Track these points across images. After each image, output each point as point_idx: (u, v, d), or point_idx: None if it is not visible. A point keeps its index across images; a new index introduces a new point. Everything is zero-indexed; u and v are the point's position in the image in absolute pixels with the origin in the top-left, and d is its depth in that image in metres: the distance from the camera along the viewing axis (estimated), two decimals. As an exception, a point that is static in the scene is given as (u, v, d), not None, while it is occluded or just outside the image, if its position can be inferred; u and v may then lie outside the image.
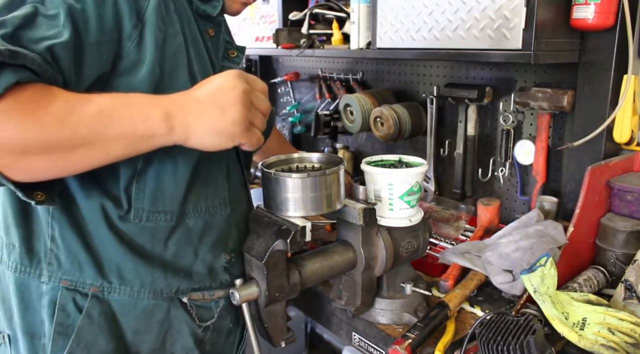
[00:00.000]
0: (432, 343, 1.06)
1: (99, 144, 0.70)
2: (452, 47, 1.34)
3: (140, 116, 0.73)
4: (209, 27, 0.97)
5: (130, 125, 0.72)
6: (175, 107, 0.75)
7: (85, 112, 0.68)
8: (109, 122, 0.70)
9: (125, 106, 0.73)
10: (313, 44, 1.87)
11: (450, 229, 1.60)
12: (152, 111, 0.74)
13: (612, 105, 1.33)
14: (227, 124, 0.77)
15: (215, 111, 0.77)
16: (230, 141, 0.79)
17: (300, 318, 2.34)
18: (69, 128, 0.67)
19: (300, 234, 0.92)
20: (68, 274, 0.86)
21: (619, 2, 1.24)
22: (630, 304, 1.09)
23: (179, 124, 0.75)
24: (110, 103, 0.72)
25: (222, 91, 0.78)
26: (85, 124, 0.68)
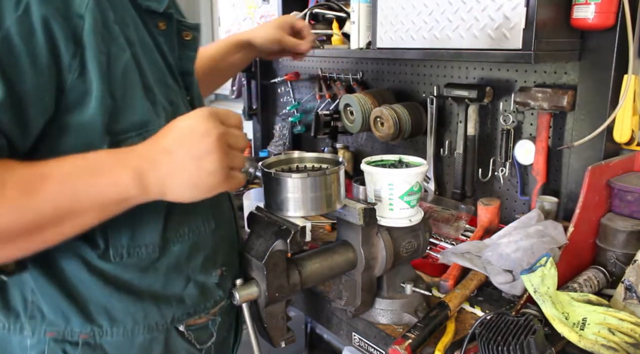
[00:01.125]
0: (432, 343, 1.06)
1: (68, 219, 0.66)
2: (452, 47, 1.34)
3: (109, 182, 0.68)
4: (158, 20, 0.84)
5: (100, 194, 0.67)
6: (145, 163, 0.69)
7: (45, 193, 0.63)
8: (74, 196, 0.66)
9: (89, 174, 0.67)
10: (313, 44, 1.87)
11: (450, 229, 1.60)
12: (120, 173, 0.68)
13: (612, 105, 1.33)
14: (205, 176, 0.71)
15: (189, 164, 0.70)
16: (209, 192, 0.73)
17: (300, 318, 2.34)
18: (31, 213, 0.63)
19: (300, 234, 0.92)
20: (53, 325, 0.79)
21: (619, 2, 1.24)
22: (630, 304, 1.09)
23: (152, 182, 0.70)
24: (71, 172, 0.66)
25: (193, 139, 0.70)
26: (49, 204, 0.64)
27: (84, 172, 0.67)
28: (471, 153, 1.66)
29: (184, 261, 0.87)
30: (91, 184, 0.67)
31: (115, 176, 0.68)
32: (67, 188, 0.65)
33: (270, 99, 2.63)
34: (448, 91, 1.63)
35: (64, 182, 0.65)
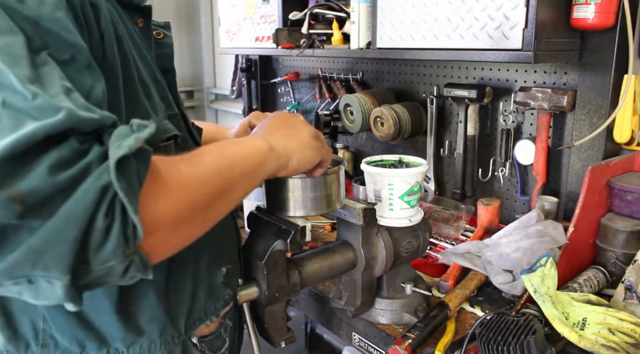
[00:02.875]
0: (432, 343, 1.06)
1: (231, 188, 0.69)
2: (452, 47, 1.34)
3: (251, 147, 0.75)
4: (136, 17, 0.83)
5: (247, 159, 0.73)
6: (267, 136, 0.80)
7: (209, 163, 0.67)
8: (231, 164, 0.70)
9: (232, 145, 0.75)
10: (313, 44, 1.87)
11: (450, 229, 1.60)
12: (255, 140, 0.77)
13: (613, 105, 1.33)
14: (310, 138, 0.85)
15: (293, 131, 0.84)
16: (319, 152, 0.86)
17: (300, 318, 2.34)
18: (207, 184, 0.65)
19: (300, 234, 0.92)
20: (68, 353, 0.77)
21: (619, 2, 1.24)
22: (630, 304, 1.09)
23: (278, 146, 0.79)
24: (220, 146, 0.72)
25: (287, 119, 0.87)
26: (217, 174, 0.67)
27: (229, 144, 0.75)
28: (471, 153, 1.66)
29: (191, 266, 0.86)
30: (239, 152, 0.73)
31: (252, 143, 0.76)
32: (224, 158, 0.70)
33: (270, 99, 2.63)
34: (448, 91, 1.63)
35: (220, 152, 0.70)
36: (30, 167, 0.49)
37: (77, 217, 0.49)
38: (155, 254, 0.59)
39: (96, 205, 0.50)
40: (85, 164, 0.51)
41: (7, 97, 0.51)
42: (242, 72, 2.58)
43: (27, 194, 0.48)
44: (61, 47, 0.58)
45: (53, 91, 0.53)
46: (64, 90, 0.54)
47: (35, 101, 0.51)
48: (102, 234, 0.51)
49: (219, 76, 3.51)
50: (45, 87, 0.53)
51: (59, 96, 0.53)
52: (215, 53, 3.47)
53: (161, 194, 0.58)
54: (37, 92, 0.51)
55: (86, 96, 0.58)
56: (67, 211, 0.49)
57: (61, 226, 0.49)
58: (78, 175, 0.50)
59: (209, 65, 3.50)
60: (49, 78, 0.54)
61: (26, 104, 0.51)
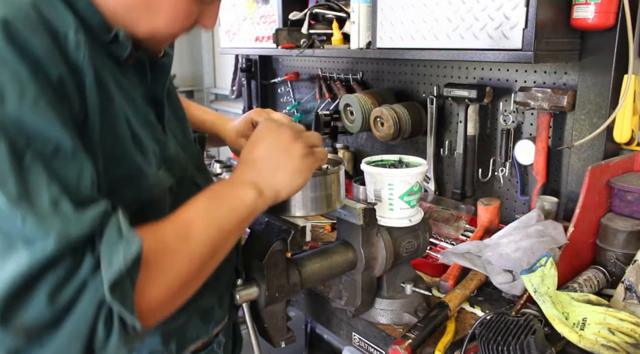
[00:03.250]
0: (432, 343, 1.06)
1: (220, 249, 0.71)
2: (452, 47, 1.34)
3: (238, 202, 0.74)
4: None
5: (235, 216, 0.73)
6: (253, 175, 0.78)
7: (198, 234, 0.67)
8: (219, 227, 0.70)
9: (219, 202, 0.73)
10: (313, 44, 1.87)
11: (450, 229, 1.60)
12: (241, 191, 0.75)
13: (613, 105, 1.33)
14: (298, 160, 0.81)
15: (282, 157, 0.80)
16: (310, 170, 0.83)
17: (300, 318, 2.34)
18: (197, 256, 0.67)
19: (300, 234, 0.92)
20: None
21: (619, 2, 1.24)
22: (630, 304, 1.09)
23: (265, 187, 0.77)
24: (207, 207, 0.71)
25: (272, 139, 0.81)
26: (206, 243, 0.68)
27: (215, 203, 0.72)
28: (471, 153, 1.66)
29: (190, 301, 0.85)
30: (226, 210, 0.72)
31: (239, 195, 0.75)
32: (213, 223, 0.70)
33: (270, 99, 2.63)
34: (448, 91, 1.63)
35: (207, 219, 0.69)
36: (30, 299, 0.52)
37: (79, 334, 0.54)
38: (151, 325, 0.64)
39: (95, 318, 0.54)
40: (80, 281, 0.54)
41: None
42: (242, 72, 2.58)
43: (31, 326, 0.52)
44: (45, 140, 0.57)
45: (41, 205, 0.54)
46: (52, 202, 0.55)
47: (25, 225, 0.53)
48: (104, 338, 0.55)
49: (219, 76, 3.51)
50: (34, 202, 0.54)
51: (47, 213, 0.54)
52: (215, 53, 3.47)
53: (154, 283, 0.61)
54: (25, 214, 0.53)
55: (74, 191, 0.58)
56: (69, 330, 0.53)
57: (65, 346, 0.54)
58: (75, 295, 0.54)
59: (209, 65, 3.50)
60: (37, 188, 0.55)
61: (16, 229, 0.53)
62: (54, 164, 0.57)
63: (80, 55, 0.63)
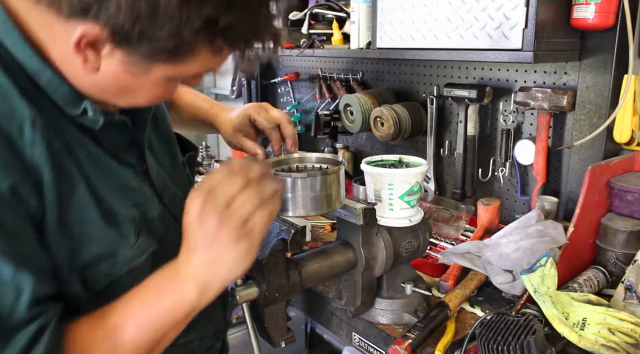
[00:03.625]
0: (432, 343, 1.06)
1: (157, 348, 0.69)
2: (452, 47, 1.34)
3: (176, 301, 0.68)
4: None
5: (172, 315, 0.68)
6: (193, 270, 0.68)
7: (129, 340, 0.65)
8: (154, 328, 0.67)
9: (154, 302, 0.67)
10: (313, 44, 1.87)
11: (450, 229, 1.60)
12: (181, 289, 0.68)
13: (613, 105, 1.33)
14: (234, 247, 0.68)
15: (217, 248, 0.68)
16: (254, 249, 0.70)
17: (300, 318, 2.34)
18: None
19: (300, 234, 0.92)
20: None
21: (619, 2, 1.24)
22: (630, 304, 1.09)
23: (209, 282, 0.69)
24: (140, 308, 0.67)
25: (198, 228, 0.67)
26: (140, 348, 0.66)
27: (150, 302, 0.67)
28: (471, 153, 1.66)
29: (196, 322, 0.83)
30: (162, 311, 0.67)
31: (179, 294, 0.68)
32: (145, 325, 0.66)
33: (270, 99, 2.63)
34: (448, 91, 1.63)
35: (139, 322, 0.66)
36: None
37: None
38: None
39: None
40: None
41: None
42: (242, 72, 2.58)
43: None
44: None
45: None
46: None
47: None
48: None
49: (219, 76, 3.51)
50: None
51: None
52: (215, 53, 3.46)
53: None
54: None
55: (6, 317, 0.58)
56: None
57: None
58: None
59: (209, 65, 3.49)
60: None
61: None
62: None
63: (36, 153, 0.60)
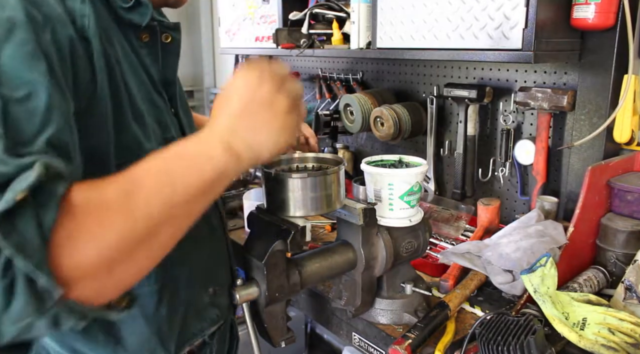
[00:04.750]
0: (432, 343, 1.06)
1: (178, 211, 0.61)
2: (452, 47, 1.34)
3: (202, 160, 0.63)
4: (141, 32, 0.80)
5: (198, 174, 0.62)
6: (225, 133, 0.66)
7: (145, 189, 0.58)
8: (174, 185, 0.60)
9: (178, 159, 0.63)
10: (313, 44, 1.87)
11: (450, 229, 1.60)
12: (208, 148, 0.64)
13: (613, 105, 1.33)
14: (282, 116, 0.69)
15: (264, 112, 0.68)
16: (295, 127, 0.71)
17: (300, 318, 2.34)
18: (141, 215, 0.57)
19: (300, 234, 0.92)
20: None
21: (619, 2, 1.24)
22: (630, 304, 1.09)
23: (242, 147, 0.66)
24: (161, 165, 0.62)
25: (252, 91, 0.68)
26: (154, 201, 0.58)
27: (173, 160, 0.63)
28: (471, 153, 1.66)
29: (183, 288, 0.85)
30: (186, 167, 0.62)
31: (205, 152, 0.64)
32: (164, 180, 0.60)
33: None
34: (448, 91, 1.63)
35: (159, 176, 0.60)
36: None
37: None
38: (94, 299, 0.54)
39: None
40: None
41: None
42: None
43: None
44: (17, 84, 0.55)
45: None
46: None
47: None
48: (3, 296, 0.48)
49: (219, 76, 3.51)
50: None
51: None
52: (215, 53, 3.47)
53: (81, 237, 0.52)
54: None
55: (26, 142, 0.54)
56: None
57: None
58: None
59: (209, 65, 3.50)
60: None
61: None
62: (15, 108, 0.55)
63: (86, 23, 0.65)
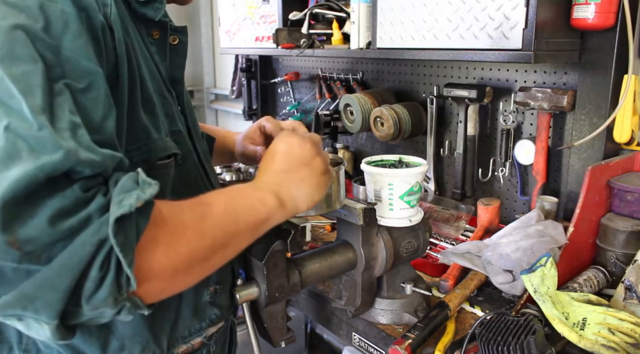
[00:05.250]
0: (432, 343, 1.06)
1: (232, 241, 0.70)
2: (452, 47, 1.34)
3: (258, 203, 0.74)
4: (152, 29, 0.84)
5: (253, 214, 0.73)
6: (275, 185, 0.78)
7: (214, 216, 0.67)
8: (236, 218, 0.70)
9: (240, 198, 0.73)
10: (313, 44, 1.87)
11: (450, 229, 1.60)
12: (263, 195, 0.75)
13: (613, 105, 1.33)
14: (319, 176, 0.83)
15: (305, 173, 0.81)
16: (326, 187, 0.85)
17: (300, 318, 2.34)
18: (209, 237, 0.66)
19: (300, 234, 0.92)
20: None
21: (619, 2, 1.24)
22: (630, 304, 1.09)
23: (286, 199, 0.78)
24: (227, 198, 0.72)
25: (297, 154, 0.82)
26: (219, 228, 0.67)
27: (236, 197, 0.73)
28: (471, 153, 1.66)
29: None
30: (246, 206, 0.72)
31: (260, 197, 0.75)
32: (230, 212, 0.70)
33: (270, 99, 2.63)
34: (448, 91, 1.63)
35: (226, 207, 0.70)
36: (32, 214, 0.50)
37: (72, 267, 0.51)
38: (149, 299, 0.61)
39: (92, 257, 0.52)
40: (86, 214, 0.52)
41: (13, 122, 0.52)
42: (242, 72, 2.58)
43: (25, 242, 0.49)
44: (79, 75, 0.60)
45: (60, 125, 0.54)
46: (71, 126, 0.55)
47: (40, 132, 0.52)
48: (96, 284, 0.53)
49: (219, 76, 3.51)
50: (54, 120, 0.54)
51: (64, 132, 0.54)
52: (215, 53, 3.47)
53: (160, 246, 0.59)
54: (43, 124, 0.52)
55: (96, 129, 0.59)
56: (63, 260, 0.51)
57: (55, 275, 0.51)
58: (77, 226, 0.52)
59: (209, 65, 3.50)
60: (60, 111, 0.55)
61: (29, 133, 0.52)
62: (82, 98, 0.59)
63: (109, 11, 0.68)
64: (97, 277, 0.53)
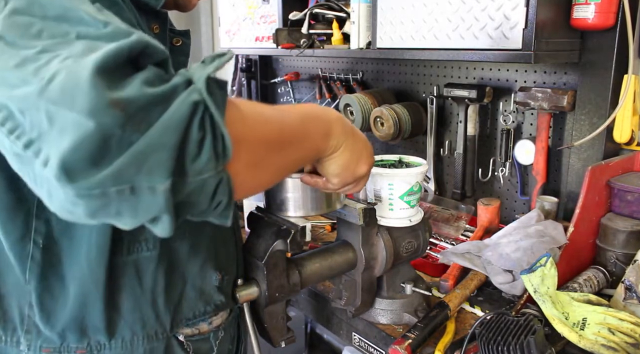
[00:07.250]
0: (432, 343, 1.06)
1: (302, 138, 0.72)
2: (452, 47, 1.34)
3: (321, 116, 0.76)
4: (152, 23, 0.85)
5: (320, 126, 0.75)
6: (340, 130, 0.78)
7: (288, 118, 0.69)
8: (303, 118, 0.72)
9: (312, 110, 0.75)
10: (313, 44, 1.87)
11: (450, 229, 1.60)
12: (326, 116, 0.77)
13: (613, 105, 1.33)
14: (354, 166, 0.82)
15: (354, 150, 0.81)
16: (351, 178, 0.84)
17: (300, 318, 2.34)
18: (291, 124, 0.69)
19: (300, 234, 0.92)
20: (49, 342, 0.78)
21: (619, 2, 1.24)
22: (630, 304, 1.09)
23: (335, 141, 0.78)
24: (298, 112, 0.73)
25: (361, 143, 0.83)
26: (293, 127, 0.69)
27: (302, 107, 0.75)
28: (471, 153, 1.66)
29: (183, 262, 0.85)
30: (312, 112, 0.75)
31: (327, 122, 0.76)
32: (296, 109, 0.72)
33: (270, 99, 2.63)
34: (448, 91, 1.63)
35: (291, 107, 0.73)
36: (125, 81, 0.52)
37: (174, 126, 0.52)
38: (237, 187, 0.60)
39: (190, 117, 0.53)
40: (173, 84, 0.54)
41: (80, 30, 0.55)
42: (242, 72, 2.58)
43: (126, 102, 0.50)
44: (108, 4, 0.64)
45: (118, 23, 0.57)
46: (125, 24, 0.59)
47: (107, 28, 0.55)
48: (197, 145, 0.53)
49: (219, 76, 3.50)
50: (111, 19, 0.57)
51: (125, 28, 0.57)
52: (215, 53, 3.47)
53: (239, 120, 0.60)
54: (107, 21, 0.56)
55: None
56: (164, 121, 0.52)
57: (161, 134, 0.52)
58: (169, 92, 0.53)
59: (209, 65, 3.50)
60: (110, 15, 0.59)
61: (99, 32, 0.55)
62: None
63: None
64: (197, 138, 0.53)
